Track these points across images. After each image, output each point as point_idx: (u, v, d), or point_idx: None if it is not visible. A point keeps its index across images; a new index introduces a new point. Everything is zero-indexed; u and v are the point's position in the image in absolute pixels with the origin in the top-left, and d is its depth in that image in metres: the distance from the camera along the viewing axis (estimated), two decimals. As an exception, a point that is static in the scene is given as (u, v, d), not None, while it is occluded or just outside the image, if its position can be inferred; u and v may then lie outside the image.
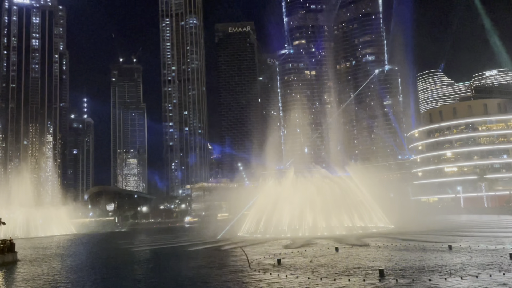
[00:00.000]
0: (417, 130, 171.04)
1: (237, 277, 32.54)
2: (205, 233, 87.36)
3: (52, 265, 49.10)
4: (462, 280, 26.99)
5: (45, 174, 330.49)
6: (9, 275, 43.05)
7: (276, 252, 46.90)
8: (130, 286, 33.81)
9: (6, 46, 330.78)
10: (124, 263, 49.73)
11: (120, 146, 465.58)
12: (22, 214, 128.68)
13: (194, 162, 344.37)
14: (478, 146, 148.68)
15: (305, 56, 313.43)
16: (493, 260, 34.39)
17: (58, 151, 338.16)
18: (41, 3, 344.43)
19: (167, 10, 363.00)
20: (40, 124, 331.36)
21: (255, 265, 37.91)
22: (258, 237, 70.06)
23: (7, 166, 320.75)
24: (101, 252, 67.23)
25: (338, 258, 39.77)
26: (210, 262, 43.27)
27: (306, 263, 37.42)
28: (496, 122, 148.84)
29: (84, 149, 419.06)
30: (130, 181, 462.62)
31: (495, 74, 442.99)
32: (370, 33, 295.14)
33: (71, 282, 36.14)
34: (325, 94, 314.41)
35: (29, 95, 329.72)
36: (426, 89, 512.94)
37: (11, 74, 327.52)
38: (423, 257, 38.19)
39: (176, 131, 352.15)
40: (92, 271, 43.19)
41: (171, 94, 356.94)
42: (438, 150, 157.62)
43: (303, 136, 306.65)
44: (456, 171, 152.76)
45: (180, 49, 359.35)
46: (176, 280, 34.15)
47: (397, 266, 33.62)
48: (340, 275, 30.49)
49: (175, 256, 54.28)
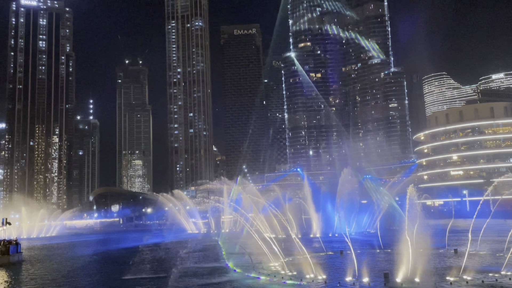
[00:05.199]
0: (422, 133, 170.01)
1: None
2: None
3: (55, 265, 49.19)
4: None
5: (51, 175, 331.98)
6: (15, 275, 43.17)
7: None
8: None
9: (13, 48, 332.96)
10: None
11: (125, 147, 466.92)
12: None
13: (199, 163, 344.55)
14: (484, 150, 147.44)
15: (310, 59, 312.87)
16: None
17: (64, 152, 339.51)
18: (48, 5, 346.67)
19: (173, 12, 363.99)
20: (46, 125, 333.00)
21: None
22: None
23: (13, 167, 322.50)
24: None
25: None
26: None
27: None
28: (502, 125, 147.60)
29: (89, 150, 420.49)
30: (135, 182, 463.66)
31: (502, 77, 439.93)
32: (376, 36, 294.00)
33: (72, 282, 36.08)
34: (330, 97, 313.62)
35: (35, 96, 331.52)
36: (432, 92, 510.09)
37: (18, 75, 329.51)
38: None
39: (181, 132, 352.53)
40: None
41: (176, 96, 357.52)
42: (444, 153, 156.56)
43: (308, 139, 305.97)
44: (462, 174, 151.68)
45: (186, 51, 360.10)
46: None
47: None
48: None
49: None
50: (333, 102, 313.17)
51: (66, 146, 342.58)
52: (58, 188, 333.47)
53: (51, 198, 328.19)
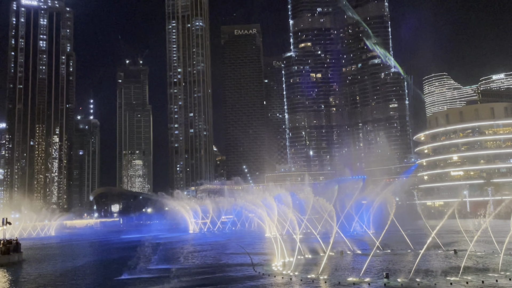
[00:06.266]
0: (423, 134, 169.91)
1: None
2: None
3: (55, 265, 49.21)
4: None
5: (51, 175, 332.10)
6: (15, 275, 43.19)
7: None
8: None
9: (14, 47, 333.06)
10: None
11: (125, 147, 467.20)
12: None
13: (199, 163, 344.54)
14: (484, 150, 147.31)
15: (311, 59, 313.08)
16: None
17: (64, 152, 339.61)
18: (48, 5, 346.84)
19: (173, 12, 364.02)
20: (46, 125, 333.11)
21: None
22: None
23: (13, 167, 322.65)
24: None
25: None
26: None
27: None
28: (503, 126, 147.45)
29: (90, 150, 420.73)
30: (135, 182, 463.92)
31: (502, 77, 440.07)
32: (376, 36, 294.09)
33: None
34: (331, 97, 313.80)
35: (36, 96, 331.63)
36: (432, 92, 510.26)
37: (19, 75, 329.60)
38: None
39: (181, 132, 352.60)
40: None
41: (176, 96, 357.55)
42: (444, 154, 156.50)
43: (309, 139, 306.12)
44: (462, 175, 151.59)
45: (186, 51, 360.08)
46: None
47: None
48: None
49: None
50: (333, 103, 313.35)
51: (67, 146, 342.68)
52: (58, 188, 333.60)
53: (51, 198, 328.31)
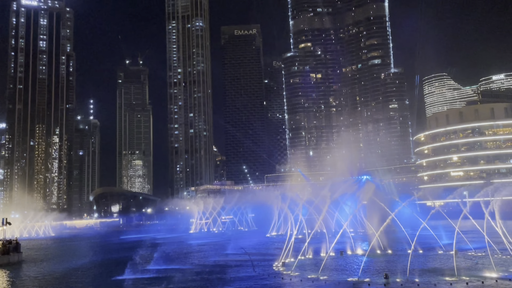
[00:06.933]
0: (423, 134, 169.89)
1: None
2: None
3: (55, 265, 49.23)
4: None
5: (51, 175, 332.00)
6: (15, 275, 43.21)
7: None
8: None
9: (14, 48, 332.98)
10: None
11: (125, 147, 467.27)
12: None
13: (199, 164, 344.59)
14: (484, 151, 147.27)
15: (311, 59, 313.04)
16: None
17: (64, 152, 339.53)
18: (49, 5, 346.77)
19: (173, 12, 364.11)
20: (46, 125, 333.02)
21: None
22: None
23: (13, 167, 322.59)
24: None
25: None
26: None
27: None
28: (503, 126, 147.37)
29: (90, 151, 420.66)
30: (135, 182, 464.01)
31: (502, 78, 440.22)
32: (376, 37, 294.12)
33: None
34: (331, 97, 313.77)
35: (36, 96, 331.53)
36: (432, 93, 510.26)
37: (19, 75, 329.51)
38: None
39: (181, 133, 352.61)
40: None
41: (176, 96, 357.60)
42: (444, 154, 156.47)
43: (308, 139, 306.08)
44: (462, 175, 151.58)
45: (186, 52, 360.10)
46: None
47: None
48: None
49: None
50: (333, 103, 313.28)
51: (66, 146, 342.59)
52: (58, 188, 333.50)
53: (51, 198, 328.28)
